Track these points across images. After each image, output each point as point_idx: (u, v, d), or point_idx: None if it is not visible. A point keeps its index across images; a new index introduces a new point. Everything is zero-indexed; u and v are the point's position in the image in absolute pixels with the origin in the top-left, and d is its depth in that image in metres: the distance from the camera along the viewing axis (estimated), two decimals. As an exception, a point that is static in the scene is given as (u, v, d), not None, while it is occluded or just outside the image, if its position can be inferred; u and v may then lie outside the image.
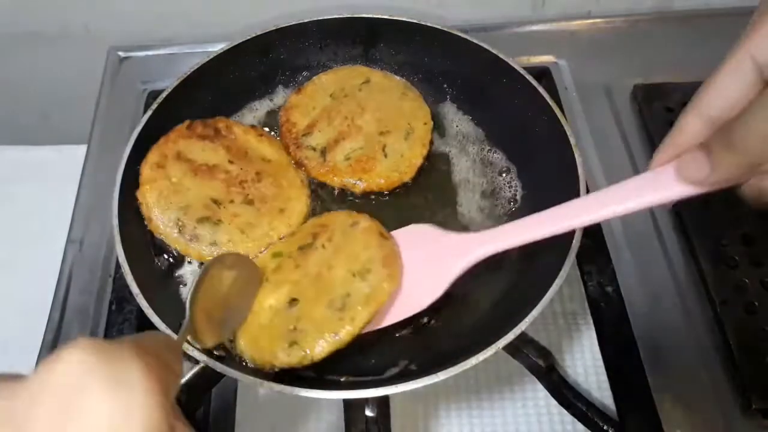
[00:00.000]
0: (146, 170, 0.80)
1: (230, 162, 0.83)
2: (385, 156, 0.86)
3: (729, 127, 0.50)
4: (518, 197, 0.85)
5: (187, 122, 0.84)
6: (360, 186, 0.84)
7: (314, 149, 0.87)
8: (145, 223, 0.78)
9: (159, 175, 0.79)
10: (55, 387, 0.29)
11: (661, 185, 0.58)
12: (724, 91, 0.53)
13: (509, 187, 0.86)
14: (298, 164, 0.87)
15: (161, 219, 0.77)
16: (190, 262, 0.79)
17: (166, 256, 0.79)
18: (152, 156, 0.81)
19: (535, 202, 0.83)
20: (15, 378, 0.30)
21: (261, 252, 0.78)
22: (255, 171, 0.83)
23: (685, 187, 0.57)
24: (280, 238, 0.79)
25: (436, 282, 0.70)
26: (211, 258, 0.76)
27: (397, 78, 0.95)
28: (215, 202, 0.79)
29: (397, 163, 0.85)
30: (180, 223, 0.77)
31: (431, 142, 0.89)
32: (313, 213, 0.84)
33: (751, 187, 0.54)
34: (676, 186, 0.57)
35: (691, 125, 0.55)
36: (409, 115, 0.89)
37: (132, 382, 0.30)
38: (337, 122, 0.89)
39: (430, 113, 0.90)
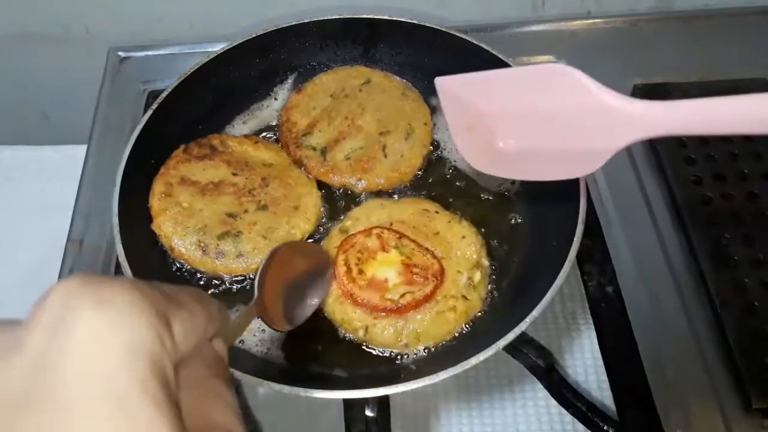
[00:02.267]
0: (155, 202, 0.80)
1: (234, 174, 0.83)
2: (386, 156, 0.86)
3: None
4: (518, 200, 0.85)
5: (182, 147, 0.85)
6: (360, 186, 0.85)
7: (314, 149, 0.87)
8: (168, 253, 0.78)
9: (169, 203, 0.80)
10: (43, 314, 0.30)
11: None
12: None
13: (509, 190, 0.86)
14: (298, 164, 0.87)
15: (183, 245, 0.77)
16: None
17: (166, 256, 0.79)
18: (157, 186, 0.81)
19: (536, 203, 0.83)
20: (14, 322, 0.31)
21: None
22: (260, 177, 0.83)
23: None
24: (304, 238, 0.80)
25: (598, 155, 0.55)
26: (241, 270, 0.77)
27: (398, 78, 0.95)
28: (230, 215, 0.79)
29: (398, 164, 0.85)
30: (202, 245, 0.77)
31: (432, 143, 0.89)
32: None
33: None
34: None
35: None
36: (409, 116, 0.89)
37: (117, 300, 0.30)
38: (338, 122, 0.89)
39: (431, 114, 0.90)
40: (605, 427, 0.71)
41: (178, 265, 0.79)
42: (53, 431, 0.27)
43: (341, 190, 0.86)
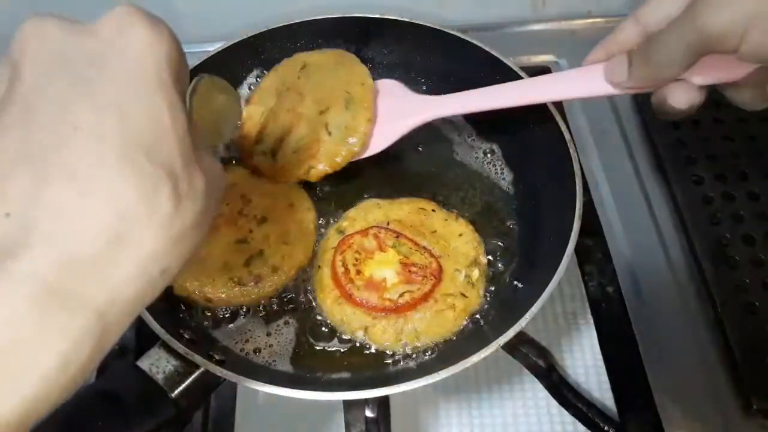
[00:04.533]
0: None
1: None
2: (330, 134, 0.81)
3: (648, 42, 0.57)
4: (515, 196, 0.85)
5: None
6: (316, 172, 0.80)
7: (265, 153, 0.84)
8: (207, 307, 0.75)
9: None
10: (110, 20, 0.39)
11: (592, 81, 0.66)
12: (662, 4, 0.59)
13: (505, 187, 0.86)
14: (257, 173, 0.84)
15: (219, 292, 0.74)
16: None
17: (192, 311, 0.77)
18: None
19: (533, 199, 0.83)
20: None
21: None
22: (239, 196, 0.81)
23: (609, 87, 0.64)
24: (315, 225, 0.81)
25: (391, 132, 0.81)
26: (284, 281, 0.76)
27: (332, 50, 0.90)
28: (241, 242, 0.77)
29: (344, 136, 0.80)
30: (235, 279, 0.74)
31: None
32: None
33: (657, 96, 0.60)
34: (602, 84, 0.65)
35: (627, 31, 0.62)
36: (345, 82, 0.83)
37: (162, 25, 0.41)
38: (282, 118, 0.85)
39: (368, 73, 0.85)
40: (605, 428, 0.71)
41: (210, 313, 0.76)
42: (112, 87, 0.36)
43: (326, 188, 0.85)
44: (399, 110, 0.82)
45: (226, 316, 0.75)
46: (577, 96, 0.69)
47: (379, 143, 0.81)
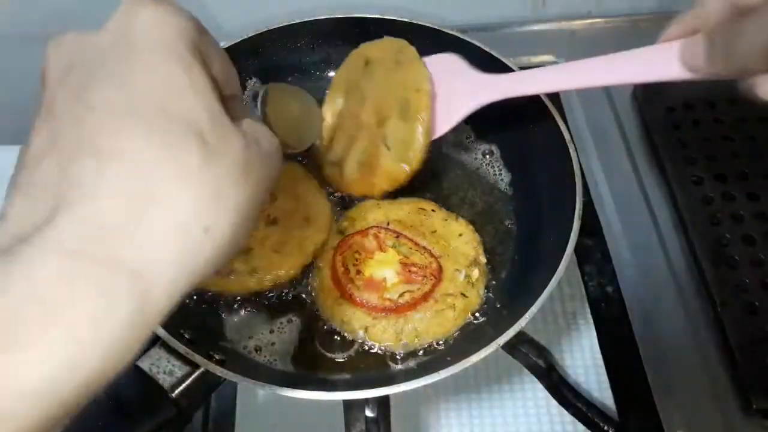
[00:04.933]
0: None
1: None
2: (388, 148, 0.76)
3: (731, 26, 0.49)
4: (514, 196, 0.85)
5: None
6: (379, 191, 0.79)
7: (334, 164, 0.81)
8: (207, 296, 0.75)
9: None
10: (119, 12, 0.41)
11: (667, 62, 0.58)
12: None
13: (504, 187, 0.86)
14: (329, 184, 0.83)
15: None
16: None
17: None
18: None
19: (532, 199, 0.83)
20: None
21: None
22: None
23: (684, 70, 0.56)
24: (318, 247, 0.77)
25: (450, 114, 0.75)
26: (256, 285, 0.74)
27: (391, 40, 0.83)
28: None
29: (402, 152, 0.75)
30: None
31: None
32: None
33: (744, 84, 0.53)
34: (677, 66, 0.57)
35: (712, 4, 0.53)
36: (402, 87, 0.76)
37: (168, 3, 0.41)
38: (347, 125, 0.81)
39: (427, 75, 0.76)
40: (605, 427, 0.71)
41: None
42: (120, 67, 0.38)
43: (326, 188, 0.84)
44: (458, 91, 0.75)
45: (231, 308, 0.75)
46: (655, 79, 0.61)
47: (437, 129, 0.76)
